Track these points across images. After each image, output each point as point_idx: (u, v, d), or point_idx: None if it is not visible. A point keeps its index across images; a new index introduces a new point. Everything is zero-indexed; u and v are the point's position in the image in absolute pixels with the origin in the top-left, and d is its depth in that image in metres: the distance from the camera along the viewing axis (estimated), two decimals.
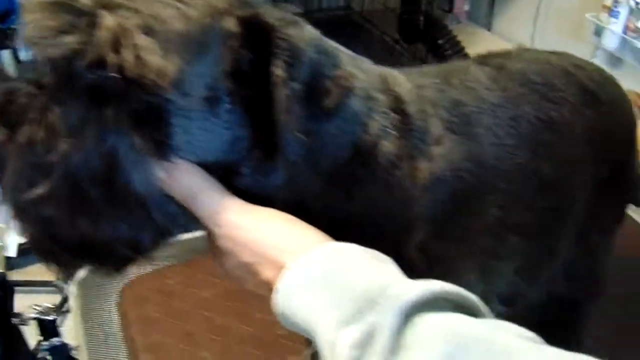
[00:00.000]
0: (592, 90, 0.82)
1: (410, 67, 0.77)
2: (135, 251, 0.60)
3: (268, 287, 0.55)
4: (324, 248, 0.54)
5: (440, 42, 2.03)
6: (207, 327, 1.14)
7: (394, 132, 0.64)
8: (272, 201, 0.61)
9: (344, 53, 0.64)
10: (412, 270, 0.63)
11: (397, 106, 0.65)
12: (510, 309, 0.81)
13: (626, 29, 2.08)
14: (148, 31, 0.52)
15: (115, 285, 1.24)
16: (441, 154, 0.66)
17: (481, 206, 0.69)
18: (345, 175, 0.63)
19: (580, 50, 2.33)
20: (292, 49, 0.56)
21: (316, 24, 0.63)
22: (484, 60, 0.79)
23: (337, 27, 2.24)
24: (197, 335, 1.13)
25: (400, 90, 0.67)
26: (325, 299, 0.51)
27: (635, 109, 2.09)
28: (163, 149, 0.56)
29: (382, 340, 0.46)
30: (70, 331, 1.19)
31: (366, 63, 0.67)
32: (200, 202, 0.58)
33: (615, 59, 2.20)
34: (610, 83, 0.89)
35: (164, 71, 0.51)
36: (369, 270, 0.53)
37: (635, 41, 2.05)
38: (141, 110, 0.54)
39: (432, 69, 0.74)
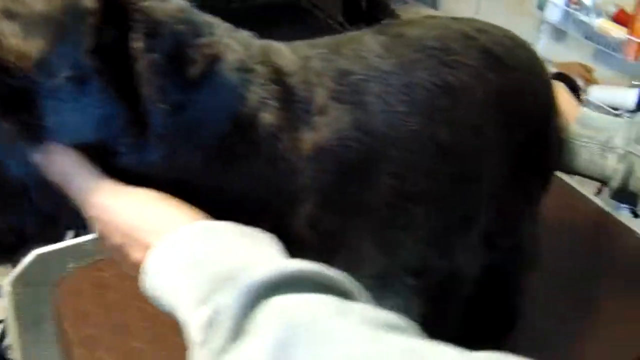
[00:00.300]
0: (498, 54, 0.80)
1: None
2: (21, 239, 0.60)
3: (138, 268, 0.55)
4: (191, 227, 0.54)
5: (383, 22, 2.02)
6: (139, 317, 1.12)
7: (274, 104, 0.63)
8: (154, 180, 0.60)
9: (219, 25, 0.63)
10: (302, 248, 0.62)
11: (278, 77, 0.64)
12: (422, 281, 0.81)
13: (569, 1, 2.09)
14: (8, 15, 0.52)
15: (50, 281, 1.22)
16: (326, 124, 0.65)
17: (372, 175, 0.68)
18: (225, 149, 0.62)
19: (526, 24, 2.34)
20: (150, 21, 0.56)
21: (263, 9, 0.63)
22: (382, 29, 0.78)
23: (284, 12, 2.23)
24: (130, 326, 1.12)
25: (282, 62, 0.66)
26: (186, 280, 0.50)
27: (580, 80, 2.11)
28: (36, 132, 0.56)
29: (225, 323, 0.45)
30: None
31: (246, 36, 0.66)
32: (74, 185, 0.58)
33: (559, 32, 2.22)
34: (521, 47, 0.87)
35: (25, 54, 0.52)
36: (236, 249, 0.52)
37: (577, 13, 2.06)
38: (9, 95, 0.54)
39: (323, 40, 0.73)
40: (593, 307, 1.12)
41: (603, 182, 0.99)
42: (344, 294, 0.49)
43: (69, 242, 1.28)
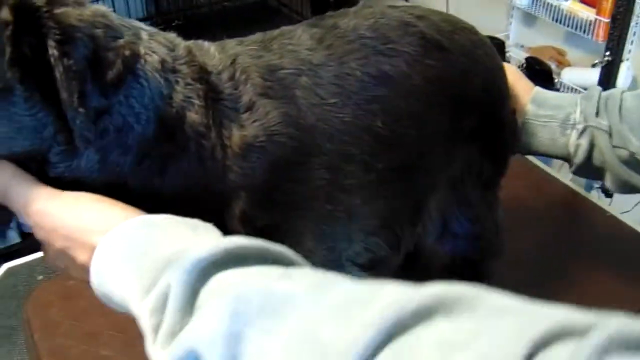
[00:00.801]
0: (435, 39, 0.79)
1: None
2: None
3: (86, 270, 0.55)
4: (132, 222, 0.54)
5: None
6: (107, 325, 1.12)
7: (199, 102, 0.63)
8: (88, 186, 0.61)
9: (141, 28, 0.63)
10: None
11: (203, 76, 0.64)
12: (374, 273, 0.80)
13: None
14: None
15: (19, 293, 1.22)
16: (254, 120, 0.65)
17: (306, 170, 0.68)
18: (154, 150, 0.62)
19: (497, 11, 2.34)
20: (63, 27, 0.56)
21: (231, 11, 0.63)
22: (316, 22, 0.77)
23: (252, 12, 2.23)
24: (99, 335, 1.11)
25: (208, 61, 0.66)
26: (132, 272, 0.51)
27: (553, 63, 2.10)
28: None
29: (173, 303, 0.46)
30: None
31: (172, 37, 0.66)
32: (12, 195, 0.59)
33: (530, 17, 2.22)
34: (461, 30, 0.85)
35: None
36: (175, 238, 0.52)
37: None
38: None
39: (254, 37, 0.73)
40: (566, 287, 1.12)
41: (566, 159, 0.99)
42: (289, 266, 0.49)
43: (38, 255, 1.28)
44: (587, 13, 1.99)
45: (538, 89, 0.99)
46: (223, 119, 0.64)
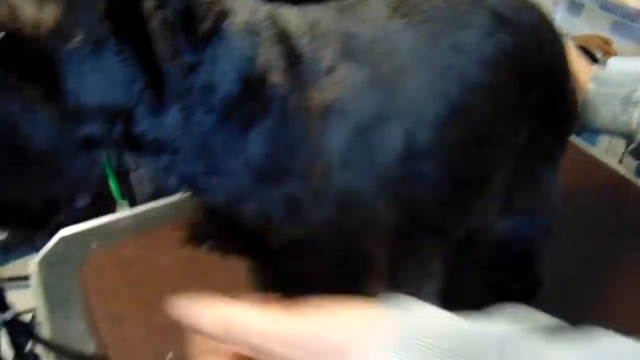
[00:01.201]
0: (504, 14, 0.80)
1: None
2: (53, 208, 0.62)
3: None
4: (389, 313, 0.46)
5: None
6: (163, 293, 1.14)
7: (281, 65, 0.64)
8: (169, 144, 0.63)
9: None
10: (320, 206, 0.63)
11: (284, 39, 0.66)
12: (441, 242, 0.81)
13: None
14: None
15: (76, 260, 1.25)
16: (334, 84, 0.66)
17: (383, 133, 0.69)
18: (238, 111, 0.63)
19: None
20: None
21: None
22: None
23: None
24: (154, 302, 1.13)
25: (289, 25, 0.67)
26: None
27: (599, 53, 2.09)
28: (58, 96, 0.58)
29: None
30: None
31: (252, 1, 0.68)
32: (237, 329, 0.48)
33: (575, 5, 2.20)
34: (528, 8, 0.86)
35: (41, 22, 0.55)
36: (451, 321, 0.46)
37: None
38: (29, 64, 0.56)
39: (331, 4, 0.74)
40: (616, 276, 1.11)
41: (626, 137, 0.99)
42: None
43: (92, 222, 1.30)
44: (635, 1, 1.97)
45: (598, 68, 1.00)
46: (304, 82, 0.65)
